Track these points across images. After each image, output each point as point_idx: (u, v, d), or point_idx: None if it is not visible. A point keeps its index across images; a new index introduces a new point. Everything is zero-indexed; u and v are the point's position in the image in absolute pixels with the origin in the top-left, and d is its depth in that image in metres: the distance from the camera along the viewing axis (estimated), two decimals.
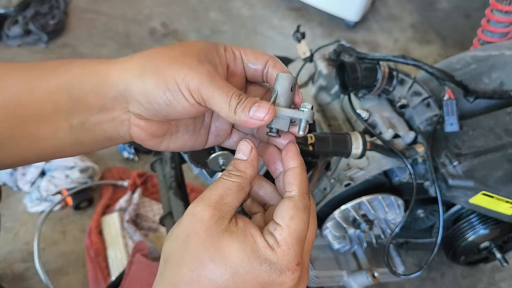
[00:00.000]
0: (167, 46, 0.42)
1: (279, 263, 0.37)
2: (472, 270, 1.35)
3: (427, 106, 0.89)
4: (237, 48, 0.45)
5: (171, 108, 0.40)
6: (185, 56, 0.40)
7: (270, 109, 0.40)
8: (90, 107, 0.41)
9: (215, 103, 0.40)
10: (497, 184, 0.84)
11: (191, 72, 0.39)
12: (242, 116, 0.40)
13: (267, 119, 0.40)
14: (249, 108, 0.40)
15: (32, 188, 1.42)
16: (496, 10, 1.55)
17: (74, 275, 1.28)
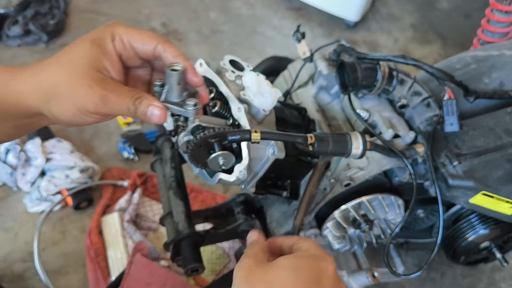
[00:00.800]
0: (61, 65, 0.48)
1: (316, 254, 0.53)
2: (472, 270, 1.36)
3: (427, 106, 0.89)
4: (126, 35, 0.50)
5: (82, 124, 0.50)
6: (78, 84, 0.47)
7: (161, 114, 0.49)
8: (16, 117, 0.50)
9: (118, 113, 0.49)
10: (497, 184, 0.85)
11: (87, 101, 0.47)
12: (142, 116, 0.49)
13: (161, 121, 0.49)
14: (146, 112, 0.49)
15: (32, 188, 1.42)
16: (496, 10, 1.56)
17: (74, 275, 1.28)
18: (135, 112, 0.48)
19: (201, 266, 0.87)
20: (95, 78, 0.47)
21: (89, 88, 0.46)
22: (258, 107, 0.75)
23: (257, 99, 0.74)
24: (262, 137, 0.66)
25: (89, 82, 0.46)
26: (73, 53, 0.48)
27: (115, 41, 0.50)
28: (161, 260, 1.24)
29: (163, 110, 0.49)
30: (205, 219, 1.04)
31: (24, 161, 1.42)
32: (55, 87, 0.47)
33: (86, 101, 0.46)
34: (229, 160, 0.74)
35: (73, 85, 0.46)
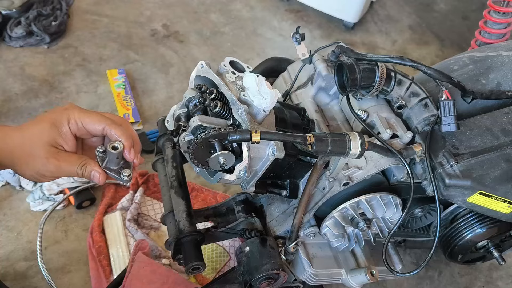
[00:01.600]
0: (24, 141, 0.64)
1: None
2: (469, 269, 1.36)
3: (425, 107, 0.90)
4: (79, 119, 0.67)
5: (43, 181, 0.69)
6: (37, 157, 0.63)
7: (100, 177, 0.67)
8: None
9: (69, 175, 0.67)
10: (494, 184, 0.85)
11: (44, 168, 0.64)
12: (87, 177, 0.67)
13: (101, 182, 0.67)
14: (90, 174, 0.66)
15: (34, 188, 1.43)
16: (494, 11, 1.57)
17: (76, 274, 1.29)
18: (82, 174, 0.66)
19: (202, 264, 0.88)
20: (51, 152, 0.64)
21: (45, 160, 0.63)
22: (258, 107, 0.76)
23: (257, 99, 0.75)
24: (262, 137, 0.67)
25: (46, 155, 0.63)
26: (34, 131, 0.64)
27: (70, 124, 0.66)
28: (163, 259, 1.25)
29: (102, 174, 0.67)
30: (206, 218, 1.05)
31: None
32: (19, 155, 0.63)
33: (43, 169, 0.64)
34: (229, 159, 0.75)
35: (33, 157, 0.63)
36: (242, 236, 0.97)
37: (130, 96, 1.75)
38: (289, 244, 0.94)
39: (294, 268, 1.01)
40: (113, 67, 1.87)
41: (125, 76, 1.82)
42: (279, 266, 0.89)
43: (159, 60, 1.94)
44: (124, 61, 1.91)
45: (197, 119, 0.75)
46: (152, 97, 1.79)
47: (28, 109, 1.67)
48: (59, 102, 1.72)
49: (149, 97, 1.79)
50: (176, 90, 1.82)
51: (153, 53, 1.97)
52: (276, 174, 0.91)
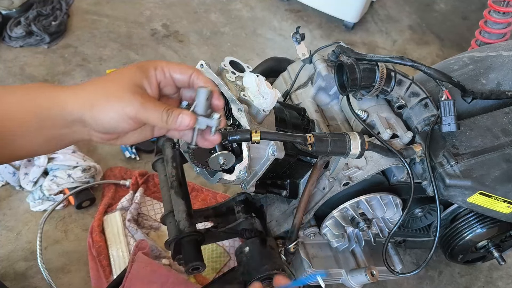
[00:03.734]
0: (108, 79, 0.57)
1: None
2: (469, 269, 1.36)
3: (425, 107, 0.90)
4: (167, 66, 0.60)
5: (117, 130, 0.56)
6: (122, 91, 0.55)
7: (191, 117, 0.57)
8: (55, 125, 0.55)
9: (151, 120, 0.56)
10: (495, 184, 0.85)
11: (129, 105, 0.54)
12: (172, 125, 0.56)
13: (190, 125, 0.57)
14: (176, 118, 0.56)
15: (34, 188, 1.43)
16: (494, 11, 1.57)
17: (76, 274, 1.29)
18: (167, 119, 0.56)
19: (202, 264, 0.88)
20: (137, 90, 0.56)
21: (132, 95, 0.55)
22: (258, 107, 0.76)
23: (257, 99, 0.75)
24: (262, 137, 0.67)
25: (132, 90, 0.55)
26: (121, 73, 0.58)
27: (157, 71, 0.59)
28: (162, 259, 1.25)
29: (192, 115, 0.57)
30: (206, 218, 1.05)
31: (26, 161, 1.43)
32: (101, 95, 0.55)
33: (128, 105, 0.54)
34: (229, 159, 0.75)
35: (118, 92, 0.55)
36: (242, 236, 0.97)
37: None
38: (289, 244, 0.94)
39: (294, 268, 1.01)
40: (113, 67, 1.87)
41: None
42: (279, 266, 0.89)
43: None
44: (124, 61, 1.91)
45: None
46: None
47: None
48: None
49: None
50: None
51: (153, 53, 1.97)
52: (276, 174, 0.91)
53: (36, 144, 0.56)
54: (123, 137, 0.60)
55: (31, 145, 0.55)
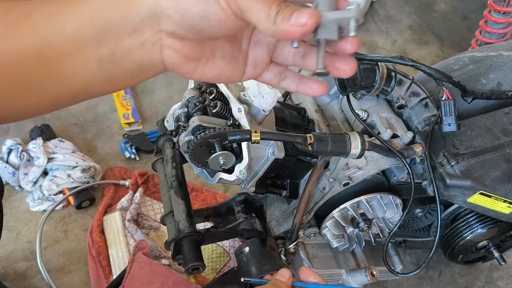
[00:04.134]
0: None
1: None
2: (470, 269, 1.36)
3: (425, 107, 0.90)
4: None
5: (206, 21, 0.36)
6: None
7: (312, 13, 0.35)
8: (119, 32, 0.37)
9: (253, 13, 0.36)
10: (495, 184, 0.85)
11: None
12: (282, 25, 0.35)
13: (310, 23, 0.35)
14: (290, 16, 0.35)
15: (34, 188, 1.43)
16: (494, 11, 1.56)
17: (76, 274, 1.29)
18: (276, 16, 0.35)
19: (202, 264, 0.88)
20: None
21: None
22: (258, 107, 0.76)
23: (257, 99, 0.75)
24: (262, 137, 0.67)
25: None
26: None
27: None
28: (162, 259, 1.25)
29: (314, 12, 0.35)
30: (206, 218, 1.05)
31: (26, 161, 1.43)
32: None
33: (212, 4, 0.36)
34: (229, 160, 0.75)
35: None
36: (242, 236, 0.97)
37: (130, 95, 1.75)
38: (289, 245, 0.94)
39: (294, 268, 1.01)
40: None
41: None
42: (279, 267, 0.89)
43: None
44: None
45: (196, 119, 0.75)
46: (152, 96, 1.79)
47: None
48: None
49: (148, 96, 1.79)
50: (176, 89, 1.82)
51: None
52: (276, 174, 0.91)
53: (91, 69, 0.39)
54: (206, 61, 0.41)
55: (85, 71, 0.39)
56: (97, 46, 0.38)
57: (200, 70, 0.41)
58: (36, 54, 0.37)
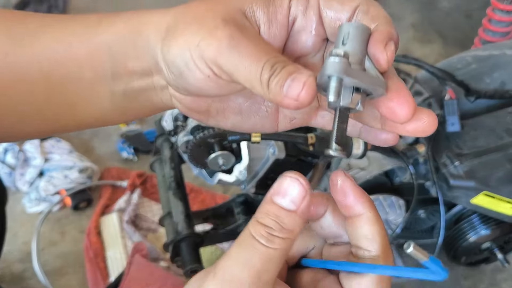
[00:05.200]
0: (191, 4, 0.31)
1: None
2: (473, 271, 1.35)
3: (428, 106, 0.89)
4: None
5: (187, 81, 0.30)
6: (213, 15, 0.29)
7: (305, 82, 0.25)
8: (131, 70, 0.34)
9: (242, 77, 0.28)
10: (498, 184, 0.85)
11: (208, 38, 0.28)
12: (276, 93, 0.26)
13: (303, 98, 0.25)
14: (284, 82, 0.26)
15: (30, 189, 1.41)
16: (498, 10, 1.55)
17: (73, 276, 1.27)
18: (268, 83, 0.27)
19: (201, 267, 0.87)
20: (236, 18, 0.29)
21: (222, 23, 0.29)
22: None
23: None
24: (262, 137, 0.66)
25: (227, 16, 0.29)
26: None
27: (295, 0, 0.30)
28: (161, 261, 1.24)
29: (309, 79, 0.26)
30: (205, 220, 1.04)
31: (23, 161, 1.42)
32: (177, 23, 0.31)
33: (206, 37, 0.28)
34: (228, 160, 0.74)
35: (199, 17, 0.30)
36: None
37: None
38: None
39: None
40: None
41: None
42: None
43: None
44: None
45: None
46: None
47: None
48: None
49: None
50: None
51: None
52: (276, 174, 0.89)
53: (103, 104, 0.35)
54: (216, 114, 0.34)
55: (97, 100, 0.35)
56: (109, 80, 0.34)
57: (212, 122, 0.35)
58: (43, 73, 0.34)
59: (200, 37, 0.29)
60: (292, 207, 0.27)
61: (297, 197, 0.27)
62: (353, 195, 0.30)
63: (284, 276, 0.32)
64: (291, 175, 0.27)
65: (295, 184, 0.27)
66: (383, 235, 0.29)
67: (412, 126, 0.28)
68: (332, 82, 0.26)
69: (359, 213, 0.30)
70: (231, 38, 0.28)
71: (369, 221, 0.29)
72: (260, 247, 0.26)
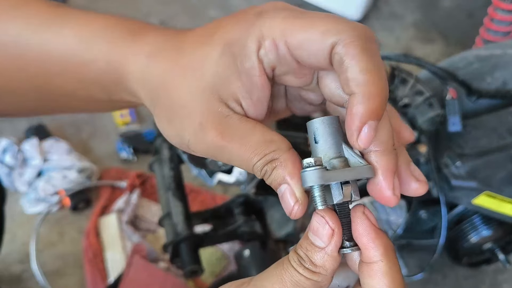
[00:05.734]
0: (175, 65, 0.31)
1: None
2: (474, 272, 1.35)
3: (430, 106, 0.88)
4: (283, 36, 0.28)
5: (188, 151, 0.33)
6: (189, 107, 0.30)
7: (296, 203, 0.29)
8: (125, 100, 0.35)
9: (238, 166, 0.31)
10: (500, 185, 0.84)
11: (193, 139, 0.30)
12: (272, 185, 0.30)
13: (295, 213, 0.29)
14: (278, 183, 0.29)
15: (29, 189, 1.41)
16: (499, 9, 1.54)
17: (72, 277, 1.27)
18: (263, 175, 0.30)
19: (200, 268, 0.86)
20: (212, 113, 0.29)
21: (199, 127, 0.29)
22: None
23: None
24: None
25: (201, 118, 0.29)
26: (195, 58, 0.30)
27: (264, 49, 0.28)
28: (160, 262, 1.23)
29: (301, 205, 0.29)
30: (204, 220, 1.03)
31: (21, 162, 1.41)
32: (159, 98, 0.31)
33: (193, 141, 0.30)
34: None
35: (180, 111, 0.30)
36: (242, 239, 0.95)
37: None
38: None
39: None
40: None
41: None
42: None
43: None
44: None
45: None
46: None
47: None
48: None
49: None
50: None
51: None
52: None
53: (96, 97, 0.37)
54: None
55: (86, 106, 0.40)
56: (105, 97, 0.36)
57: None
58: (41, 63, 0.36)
59: (185, 133, 0.30)
60: (321, 244, 0.28)
61: (324, 234, 0.28)
62: (367, 236, 0.28)
63: None
64: (319, 212, 0.28)
65: (321, 221, 0.28)
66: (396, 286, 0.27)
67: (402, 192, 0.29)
68: (315, 192, 0.27)
69: (372, 260, 0.28)
70: (217, 145, 0.29)
71: (380, 272, 0.27)
72: (291, 269, 0.28)
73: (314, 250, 0.28)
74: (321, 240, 0.28)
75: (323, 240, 0.28)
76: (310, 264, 0.28)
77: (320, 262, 0.28)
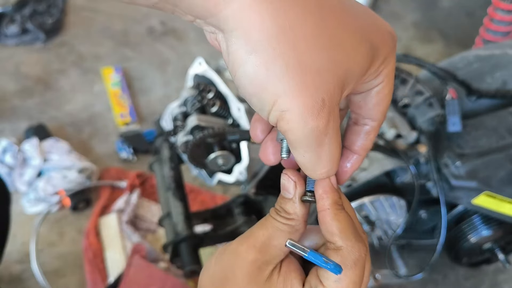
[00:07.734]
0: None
1: None
2: (474, 272, 1.35)
3: (430, 106, 0.88)
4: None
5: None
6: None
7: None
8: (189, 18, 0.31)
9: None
10: (500, 185, 0.84)
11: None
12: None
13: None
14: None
15: (29, 189, 1.41)
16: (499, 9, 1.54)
17: (72, 277, 1.27)
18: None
19: (200, 268, 0.86)
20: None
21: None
22: None
23: None
24: None
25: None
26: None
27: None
28: (160, 262, 1.23)
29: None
30: (204, 220, 1.03)
31: (21, 161, 1.41)
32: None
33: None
34: (228, 160, 0.73)
35: None
36: None
37: (127, 94, 1.72)
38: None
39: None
40: (109, 65, 1.85)
41: (121, 75, 1.80)
42: None
43: (156, 58, 1.91)
44: (120, 59, 1.89)
45: (195, 118, 0.73)
46: (149, 95, 1.77)
47: (23, 109, 1.65)
48: (54, 101, 1.69)
49: (146, 95, 1.77)
50: (174, 88, 1.79)
51: (150, 51, 1.94)
52: (277, 175, 0.88)
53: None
54: None
55: None
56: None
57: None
58: None
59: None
60: (288, 195, 0.36)
61: (290, 187, 0.35)
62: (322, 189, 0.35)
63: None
64: (284, 172, 0.36)
65: (285, 178, 0.36)
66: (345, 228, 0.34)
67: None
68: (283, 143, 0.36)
69: (324, 208, 0.34)
70: None
71: (330, 217, 0.34)
72: (271, 219, 0.36)
73: (285, 202, 0.36)
74: (288, 192, 0.35)
75: (290, 192, 0.35)
76: (284, 213, 0.35)
77: (291, 209, 0.35)
